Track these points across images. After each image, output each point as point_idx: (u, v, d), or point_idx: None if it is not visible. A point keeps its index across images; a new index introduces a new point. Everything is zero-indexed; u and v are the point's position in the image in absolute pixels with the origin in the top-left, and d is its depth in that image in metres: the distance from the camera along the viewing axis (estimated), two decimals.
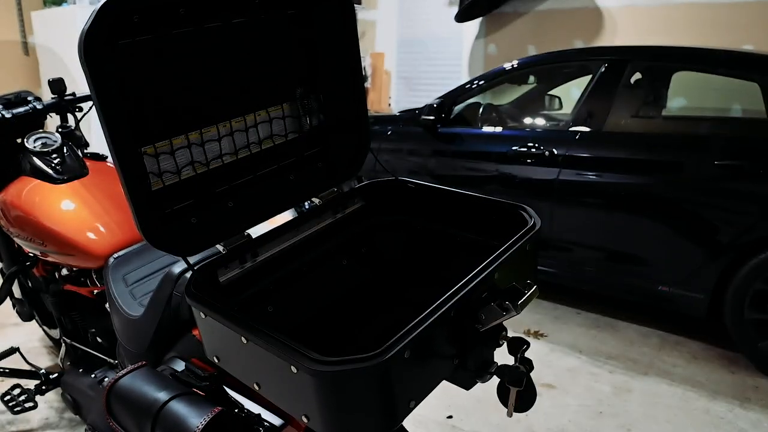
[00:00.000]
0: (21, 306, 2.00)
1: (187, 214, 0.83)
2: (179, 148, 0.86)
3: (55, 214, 1.52)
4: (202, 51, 0.86)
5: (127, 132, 0.70)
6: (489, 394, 0.87)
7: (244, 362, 0.73)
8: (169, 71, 0.82)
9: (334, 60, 1.01)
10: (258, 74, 0.95)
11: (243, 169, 0.95)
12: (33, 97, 1.78)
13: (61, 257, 1.52)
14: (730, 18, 4.03)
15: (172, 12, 0.78)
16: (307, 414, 0.66)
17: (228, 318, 0.70)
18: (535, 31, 4.99)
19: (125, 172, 0.70)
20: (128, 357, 1.29)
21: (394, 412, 0.67)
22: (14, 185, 1.62)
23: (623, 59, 2.65)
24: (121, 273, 1.43)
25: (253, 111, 0.96)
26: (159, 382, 0.99)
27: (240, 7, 0.88)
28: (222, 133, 0.91)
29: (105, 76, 0.67)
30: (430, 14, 5.82)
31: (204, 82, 0.88)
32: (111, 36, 0.68)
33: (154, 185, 0.82)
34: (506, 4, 5.00)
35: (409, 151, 3.19)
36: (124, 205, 1.52)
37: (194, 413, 0.90)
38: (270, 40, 0.95)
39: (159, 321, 1.15)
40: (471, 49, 5.48)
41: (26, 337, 2.49)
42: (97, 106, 0.67)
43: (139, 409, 0.95)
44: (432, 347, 0.72)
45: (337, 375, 0.60)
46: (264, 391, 0.72)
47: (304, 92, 1.03)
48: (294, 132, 1.04)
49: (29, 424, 1.96)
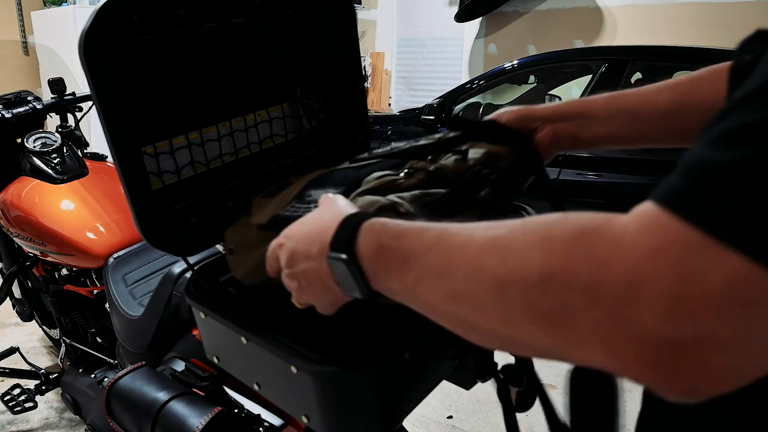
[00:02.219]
0: (21, 306, 2.00)
1: (187, 214, 0.83)
2: (179, 147, 0.86)
3: (55, 214, 1.52)
4: (203, 51, 0.86)
5: (127, 132, 0.70)
6: (489, 394, 0.87)
7: (244, 362, 0.73)
8: (169, 71, 0.82)
9: (334, 60, 1.01)
10: (258, 74, 0.95)
11: (243, 168, 0.95)
12: (33, 97, 1.77)
13: (61, 257, 1.52)
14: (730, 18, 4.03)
15: (172, 12, 0.78)
16: (307, 414, 0.66)
17: (228, 318, 0.70)
18: (535, 31, 4.99)
19: (125, 172, 0.70)
20: (128, 357, 1.29)
21: (394, 412, 0.67)
22: (14, 185, 1.62)
23: (623, 59, 2.65)
24: (120, 273, 1.43)
25: (253, 111, 0.96)
26: (159, 382, 0.99)
27: (240, 7, 0.88)
28: (222, 133, 0.91)
29: (105, 75, 0.67)
30: (430, 14, 5.82)
31: (204, 81, 0.88)
32: (111, 36, 0.68)
33: (154, 185, 0.82)
34: (506, 4, 4.99)
35: None
36: (123, 205, 1.51)
37: (194, 413, 0.90)
38: (270, 39, 0.95)
39: (159, 321, 1.15)
40: (471, 49, 5.47)
41: (26, 337, 2.49)
42: (97, 106, 0.67)
43: (139, 409, 0.95)
44: (432, 347, 0.72)
45: (337, 376, 0.60)
46: (264, 391, 0.72)
47: (304, 92, 1.03)
48: (294, 132, 1.04)
49: (29, 424, 1.96)
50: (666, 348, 0.29)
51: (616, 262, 0.30)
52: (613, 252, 0.31)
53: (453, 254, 0.40)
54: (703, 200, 0.30)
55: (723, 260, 0.28)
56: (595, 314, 0.31)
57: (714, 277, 0.28)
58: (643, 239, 0.30)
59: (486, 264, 0.37)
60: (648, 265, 0.29)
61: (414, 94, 6.11)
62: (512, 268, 0.35)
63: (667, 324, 0.29)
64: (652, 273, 0.29)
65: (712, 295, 0.28)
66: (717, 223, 0.29)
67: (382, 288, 0.46)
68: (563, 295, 0.32)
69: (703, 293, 0.28)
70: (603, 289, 0.31)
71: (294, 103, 1.02)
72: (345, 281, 0.48)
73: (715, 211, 0.29)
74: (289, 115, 1.02)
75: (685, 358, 0.29)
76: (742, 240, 0.28)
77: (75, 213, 1.53)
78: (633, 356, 0.30)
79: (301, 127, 1.04)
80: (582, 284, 0.31)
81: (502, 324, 0.37)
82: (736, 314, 0.28)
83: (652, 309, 0.29)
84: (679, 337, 0.29)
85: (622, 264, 0.30)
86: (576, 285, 0.32)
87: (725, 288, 0.28)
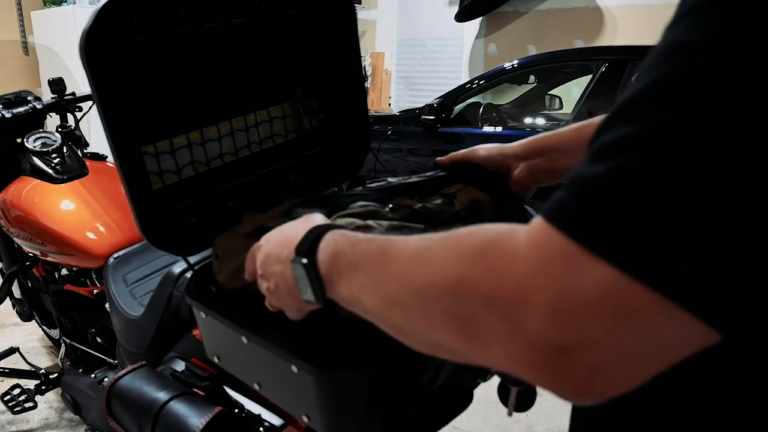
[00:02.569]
0: (21, 306, 2.00)
1: (188, 214, 0.83)
2: (180, 147, 0.86)
3: (55, 214, 1.52)
4: (203, 50, 0.86)
5: (128, 131, 0.70)
6: (489, 394, 0.87)
7: (244, 362, 0.73)
8: (169, 71, 0.83)
9: (334, 60, 1.01)
10: (258, 74, 0.95)
11: (243, 168, 0.95)
12: (33, 96, 1.77)
13: (61, 257, 1.52)
14: None
15: (172, 12, 0.78)
16: (307, 414, 0.66)
17: (229, 318, 0.70)
18: (535, 31, 4.99)
19: (126, 172, 0.70)
20: (128, 357, 1.29)
21: (394, 412, 0.67)
22: (14, 185, 1.62)
23: (623, 59, 2.65)
24: (121, 273, 1.43)
25: (254, 111, 0.96)
26: (159, 382, 0.99)
27: (240, 7, 0.88)
28: (222, 133, 0.91)
29: (106, 75, 0.67)
30: (430, 14, 5.82)
31: (204, 81, 0.88)
32: (111, 36, 0.68)
33: (154, 185, 0.82)
34: (506, 4, 4.99)
35: (409, 150, 3.20)
36: (124, 205, 1.51)
37: (194, 413, 0.90)
38: (270, 39, 0.95)
39: (159, 321, 1.15)
40: (471, 49, 5.47)
41: (26, 337, 2.49)
42: (98, 106, 0.67)
43: (139, 409, 0.95)
44: None
45: (338, 375, 0.60)
46: (264, 391, 0.72)
47: (304, 92, 1.03)
48: (294, 132, 1.04)
49: (29, 424, 1.96)
50: (552, 351, 0.32)
51: (510, 273, 0.33)
52: (508, 264, 0.34)
53: (390, 263, 0.42)
54: (578, 214, 0.32)
55: (595, 270, 0.30)
56: (494, 321, 0.34)
57: (588, 286, 0.30)
58: (532, 253, 0.33)
59: (412, 273, 0.40)
60: (535, 275, 0.32)
61: (414, 94, 6.10)
62: (431, 277, 0.38)
63: (551, 329, 0.31)
64: (537, 283, 0.32)
65: (587, 303, 0.30)
66: (589, 235, 0.31)
67: (336, 295, 0.49)
68: (469, 303, 0.35)
69: (579, 301, 0.30)
70: (500, 298, 0.33)
71: (294, 102, 1.02)
72: (303, 286, 0.50)
73: (587, 223, 0.31)
74: (290, 114, 1.02)
75: (570, 360, 0.31)
76: (610, 251, 0.30)
77: (75, 213, 1.53)
78: (527, 360, 0.33)
79: (301, 126, 1.04)
80: (483, 293, 0.34)
81: (427, 330, 0.40)
82: (610, 320, 0.30)
83: (538, 316, 0.32)
84: (563, 341, 0.31)
85: (514, 275, 0.33)
86: (479, 293, 0.35)
87: (598, 296, 0.30)
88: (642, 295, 0.29)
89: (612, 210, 0.30)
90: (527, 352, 0.33)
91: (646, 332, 0.30)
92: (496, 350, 0.35)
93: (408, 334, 0.43)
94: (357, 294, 0.45)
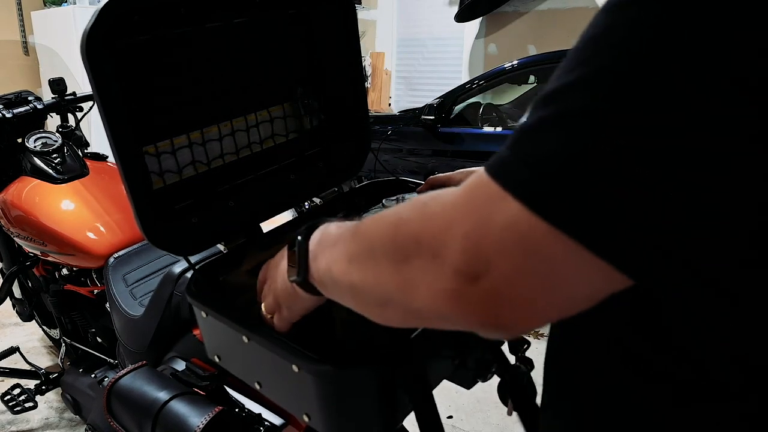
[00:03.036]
0: (21, 306, 2.00)
1: (189, 214, 0.83)
2: (180, 147, 0.86)
3: (55, 214, 1.52)
4: (204, 50, 0.86)
5: (129, 131, 0.70)
6: (489, 394, 0.87)
7: (245, 361, 0.73)
8: (170, 71, 0.83)
9: (335, 60, 1.01)
10: (259, 74, 0.96)
11: (244, 168, 0.95)
12: (33, 97, 1.77)
13: (62, 257, 1.52)
14: None
15: (172, 12, 0.78)
16: (308, 413, 0.66)
17: (229, 317, 0.70)
18: (535, 31, 4.99)
19: (127, 172, 0.70)
20: (128, 357, 1.29)
21: (394, 412, 0.68)
22: (15, 185, 1.62)
23: None
24: (121, 273, 1.43)
25: (254, 110, 0.96)
26: (159, 382, 0.99)
27: (240, 7, 0.88)
28: (223, 133, 0.91)
29: (107, 75, 0.67)
30: (430, 14, 5.81)
31: (205, 81, 0.88)
32: (112, 36, 0.68)
33: (155, 184, 0.82)
34: (506, 4, 4.99)
35: (410, 150, 3.20)
36: (124, 204, 1.52)
37: (195, 413, 0.90)
38: (270, 39, 0.95)
39: (159, 321, 1.15)
40: (471, 49, 5.47)
41: (26, 337, 2.49)
42: (99, 106, 0.67)
43: (139, 409, 0.95)
44: (433, 347, 0.72)
45: (338, 375, 0.60)
46: (265, 391, 0.72)
47: (304, 92, 1.03)
48: (295, 132, 1.04)
49: (29, 424, 1.96)
50: (464, 280, 0.35)
51: (438, 215, 0.37)
52: (440, 207, 0.37)
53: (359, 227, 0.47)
54: (505, 159, 0.35)
55: (506, 206, 0.33)
56: (422, 260, 0.37)
57: (498, 219, 0.33)
58: (461, 197, 0.36)
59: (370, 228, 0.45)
60: (457, 212, 0.35)
61: (414, 94, 6.10)
62: (381, 227, 0.43)
63: (463, 258, 0.34)
64: (459, 219, 0.35)
65: (494, 234, 0.33)
66: (506, 176, 0.34)
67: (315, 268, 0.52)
68: (404, 243, 0.39)
69: (488, 232, 0.34)
70: (427, 235, 0.37)
71: (295, 102, 1.02)
72: (293, 261, 0.55)
73: (508, 166, 0.34)
74: (290, 114, 1.03)
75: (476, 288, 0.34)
76: (517, 187, 0.33)
77: (75, 213, 1.53)
78: (446, 294, 0.36)
79: (301, 126, 1.04)
80: (414, 233, 0.38)
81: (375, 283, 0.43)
82: (510, 248, 0.33)
83: (456, 248, 0.35)
84: (473, 269, 0.34)
85: (441, 216, 0.37)
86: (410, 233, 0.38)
87: (504, 227, 0.33)
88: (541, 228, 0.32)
89: (526, 153, 0.34)
90: (446, 284, 0.35)
91: (544, 265, 0.33)
92: (424, 291, 0.37)
93: (361, 296, 0.46)
94: (330, 264, 0.49)
